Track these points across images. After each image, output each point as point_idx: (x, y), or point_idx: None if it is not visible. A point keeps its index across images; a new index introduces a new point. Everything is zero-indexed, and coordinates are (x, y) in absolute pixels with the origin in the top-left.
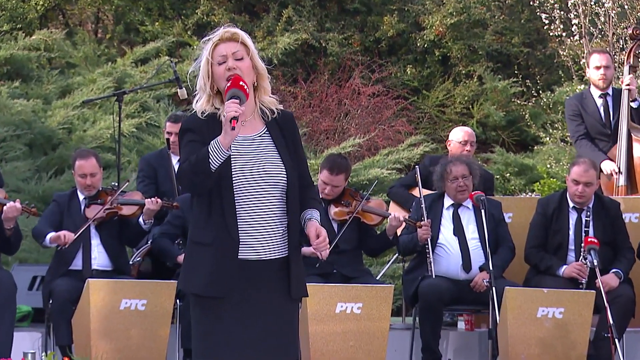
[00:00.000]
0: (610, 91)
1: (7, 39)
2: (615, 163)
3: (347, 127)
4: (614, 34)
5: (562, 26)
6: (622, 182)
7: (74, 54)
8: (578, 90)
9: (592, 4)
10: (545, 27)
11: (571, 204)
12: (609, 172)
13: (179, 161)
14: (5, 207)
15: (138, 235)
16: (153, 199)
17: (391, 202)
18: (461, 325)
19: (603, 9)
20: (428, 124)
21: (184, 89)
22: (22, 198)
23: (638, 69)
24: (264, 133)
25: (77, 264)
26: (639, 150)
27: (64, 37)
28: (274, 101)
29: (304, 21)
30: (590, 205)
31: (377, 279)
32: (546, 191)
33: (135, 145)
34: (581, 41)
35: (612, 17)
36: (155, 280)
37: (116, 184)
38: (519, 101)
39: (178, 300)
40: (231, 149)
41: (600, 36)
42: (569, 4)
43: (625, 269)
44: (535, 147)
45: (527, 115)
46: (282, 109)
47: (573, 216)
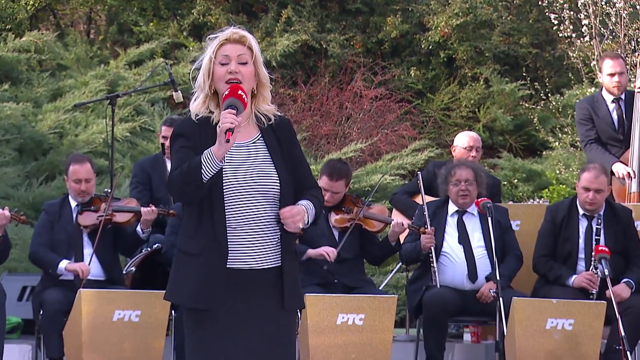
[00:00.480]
0: (622, 95)
1: None
2: (628, 169)
3: (349, 131)
4: (625, 35)
5: (571, 27)
6: (634, 188)
7: (66, 56)
8: (588, 93)
9: (603, 4)
10: (555, 28)
11: (581, 211)
12: (620, 175)
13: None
14: None
15: (133, 243)
16: (149, 208)
17: (394, 209)
18: (467, 337)
19: (614, 9)
20: (432, 129)
21: (179, 91)
22: (11, 205)
23: None
24: (257, 139)
25: (69, 273)
26: None
27: (55, 38)
28: (272, 110)
29: (303, 22)
30: (601, 213)
31: (380, 289)
32: (555, 198)
33: (129, 151)
34: (591, 42)
35: (624, 18)
36: (149, 290)
37: (109, 190)
38: (527, 104)
39: (173, 311)
40: (224, 159)
41: (611, 37)
42: (579, 4)
43: (637, 278)
44: (544, 152)
45: (535, 119)
46: (279, 114)
47: (583, 224)
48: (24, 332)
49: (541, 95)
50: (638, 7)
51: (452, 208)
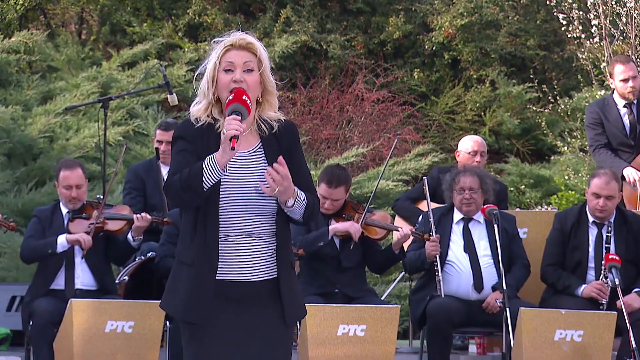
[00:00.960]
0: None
1: None
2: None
3: (350, 135)
4: (636, 35)
5: (580, 27)
6: None
7: (56, 57)
8: (598, 96)
9: (613, 3)
10: (563, 29)
11: (591, 218)
12: (631, 180)
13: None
14: None
15: (126, 252)
16: (142, 214)
17: (396, 216)
18: (472, 348)
19: (625, 9)
20: (437, 133)
21: (174, 94)
22: None
23: None
24: (257, 149)
25: (60, 283)
26: None
27: (46, 38)
28: (277, 117)
29: (303, 22)
30: (612, 220)
31: (382, 299)
32: (564, 204)
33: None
34: (601, 43)
35: (635, 18)
36: (143, 300)
37: (101, 196)
38: (534, 108)
39: (168, 322)
40: (227, 169)
41: (621, 38)
42: (588, 3)
43: None
44: (552, 157)
45: (543, 123)
46: (284, 119)
47: (593, 231)
48: (12, 343)
49: (549, 98)
50: None
51: (457, 215)
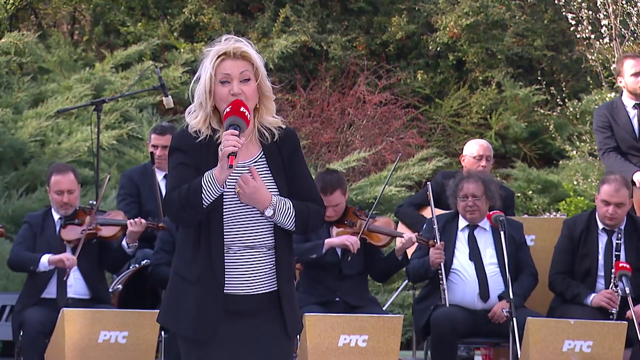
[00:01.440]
0: None
1: None
2: None
3: (351, 139)
4: None
5: (590, 27)
6: None
7: (48, 59)
8: (608, 99)
9: (624, 3)
10: (572, 29)
11: (600, 225)
12: None
13: (165, 177)
14: None
15: (120, 259)
16: (136, 219)
17: (399, 222)
18: (478, 359)
19: (636, 9)
20: (441, 136)
21: (169, 97)
22: None
23: None
24: (259, 159)
25: (51, 291)
26: None
27: (37, 39)
28: (277, 122)
29: (303, 22)
30: (622, 227)
31: (385, 308)
32: (572, 211)
33: (116, 160)
34: (611, 44)
35: None
36: (137, 310)
37: (94, 202)
38: (542, 110)
39: (163, 332)
40: (226, 184)
41: (632, 38)
42: (598, 2)
43: None
44: (561, 162)
45: (551, 127)
46: (285, 127)
47: (603, 239)
48: (2, 354)
49: (557, 100)
50: None
51: (462, 222)
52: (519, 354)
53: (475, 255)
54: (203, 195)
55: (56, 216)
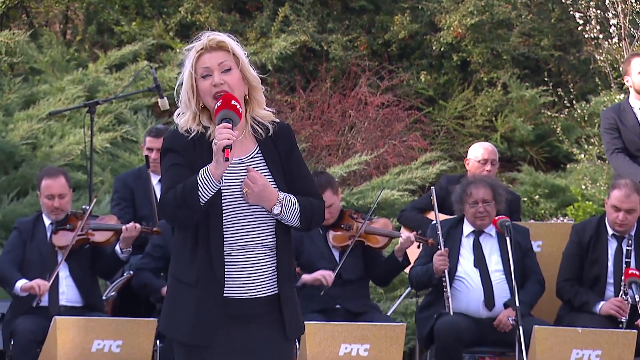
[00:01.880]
0: None
1: None
2: None
3: (352, 142)
4: None
5: (598, 27)
6: None
7: (40, 59)
8: (617, 100)
9: (633, 1)
10: (580, 28)
11: (610, 231)
12: None
13: (160, 181)
14: None
15: (113, 266)
16: (130, 224)
17: (402, 227)
18: None
19: None
20: (445, 139)
21: (165, 98)
22: None
23: None
24: (255, 154)
25: (43, 299)
26: None
27: (28, 39)
28: (269, 115)
29: (302, 21)
30: (632, 233)
31: (387, 315)
32: (581, 216)
33: (110, 163)
34: (620, 44)
35: None
36: (132, 318)
37: (87, 207)
38: (549, 113)
39: (158, 341)
40: (223, 180)
41: None
42: (607, 1)
43: None
44: (568, 166)
45: (558, 129)
46: (278, 121)
47: (612, 245)
48: None
49: (565, 102)
50: None
51: (467, 228)
52: None
53: (480, 262)
54: (200, 193)
55: (47, 221)
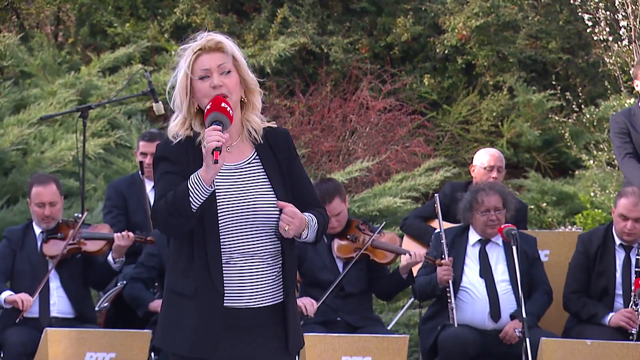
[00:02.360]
0: None
1: None
2: None
3: (354, 147)
4: None
5: (608, 29)
6: None
7: (30, 62)
8: (627, 105)
9: None
10: (588, 30)
11: (618, 240)
12: None
13: (154, 188)
14: None
15: (106, 276)
16: (123, 232)
17: (405, 236)
18: None
19: None
20: (449, 145)
21: (160, 102)
22: None
23: None
24: (253, 159)
25: (34, 310)
26: None
27: (19, 41)
28: (260, 125)
29: (302, 22)
30: None
31: (389, 328)
32: (589, 224)
33: (103, 170)
34: (630, 47)
35: None
36: (125, 329)
37: (80, 215)
38: (556, 117)
39: (153, 354)
40: (214, 184)
41: None
42: (616, 3)
43: None
44: (577, 172)
45: (566, 134)
46: (275, 126)
47: (620, 255)
48: None
49: (573, 106)
50: None
51: (473, 237)
52: None
53: (486, 271)
54: (191, 199)
55: (37, 230)
